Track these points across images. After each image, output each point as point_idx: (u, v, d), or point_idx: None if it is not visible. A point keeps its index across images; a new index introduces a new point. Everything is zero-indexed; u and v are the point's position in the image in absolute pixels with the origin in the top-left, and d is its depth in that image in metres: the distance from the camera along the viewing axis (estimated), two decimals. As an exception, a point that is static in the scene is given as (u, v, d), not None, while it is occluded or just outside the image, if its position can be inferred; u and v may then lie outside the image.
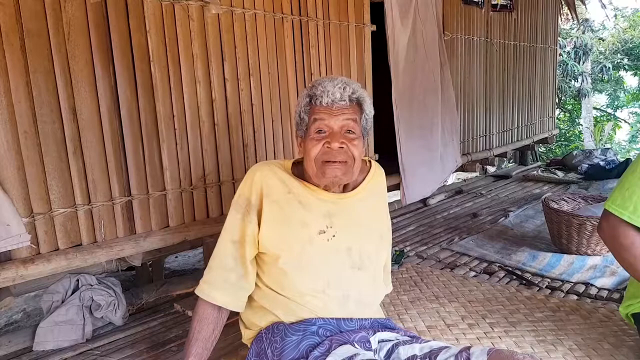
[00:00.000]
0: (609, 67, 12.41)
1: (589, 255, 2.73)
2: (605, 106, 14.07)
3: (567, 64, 11.55)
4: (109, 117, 2.06)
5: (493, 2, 4.75)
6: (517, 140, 5.47)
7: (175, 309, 2.29)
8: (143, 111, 2.16)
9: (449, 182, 5.27)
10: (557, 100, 6.77)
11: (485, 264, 2.72)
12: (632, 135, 13.33)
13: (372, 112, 1.47)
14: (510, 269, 2.62)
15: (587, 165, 5.10)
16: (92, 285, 2.11)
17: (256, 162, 2.55)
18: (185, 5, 2.26)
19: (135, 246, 2.15)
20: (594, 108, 13.27)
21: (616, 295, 2.26)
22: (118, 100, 2.08)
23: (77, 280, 2.11)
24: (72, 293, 2.08)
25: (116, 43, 2.05)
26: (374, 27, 3.35)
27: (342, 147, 1.36)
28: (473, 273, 2.61)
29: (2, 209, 1.76)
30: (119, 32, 2.06)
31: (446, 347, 1.28)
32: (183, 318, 2.20)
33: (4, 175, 1.79)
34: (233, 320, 1.66)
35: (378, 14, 3.38)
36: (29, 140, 1.84)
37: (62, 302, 2.05)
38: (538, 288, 2.39)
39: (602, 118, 13.50)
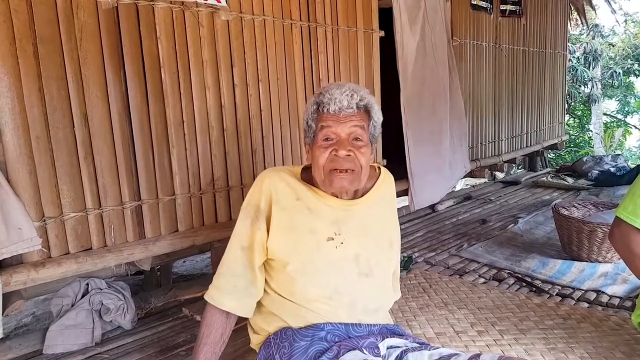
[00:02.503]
0: (619, 73, 12.34)
1: (600, 262, 2.70)
2: (615, 112, 13.97)
3: (577, 69, 11.50)
4: (120, 122, 2.07)
5: (502, 8, 4.74)
6: (527, 146, 5.44)
7: (184, 313, 2.29)
8: (153, 117, 2.18)
9: (457, 188, 5.25)
10: (566, 106, 6.72)
11: (494, 271, 2.70)
12: (643, 142, 13.23)
13: (381, 119, 1.46)
14: (520, 275, 2.60)
15: (597, 172, 5.06)
16: (101, 289, 2.12)
17: (264, 168, 2.57)
18: (195, 12, 2.28)
19: (144, 250, 2.16)
20: (604, 114, 13.19)
21: (628, 304, 2.23)
22: (129, 106, 2.10)
23: (87, 284, 2.12)
24: (82, 297, 2.09)
25: (127, 49, 2.07)
26: (382, 33, 3.36)
27: (350, 155, 1.36)
28: (482, 280, 2.60)
29: (14, 212, 1.77)
30: (130, 39, 2.08)
31: (456, 354, 1.27)
32: (191, 322, 2.20)
33: (16, 179, 1.81)
34: (241, 325, 1.66)
35: (386, 20, 3.39)
36: (41, 145, 1.86)
37: (72, 305, 2.06)
38: (548, 295, 2.37)
39: (612, 124, 13.41)
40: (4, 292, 1.80)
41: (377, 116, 1.45)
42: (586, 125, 12.96)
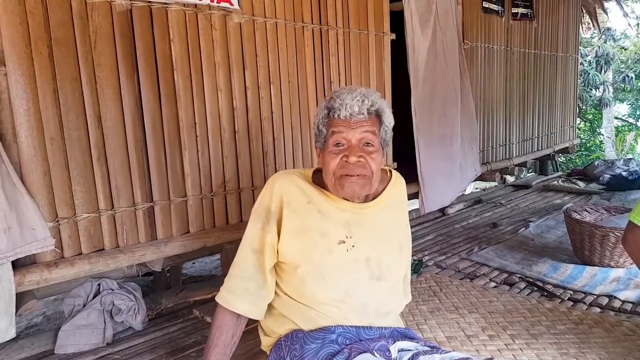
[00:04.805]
0: (631, 77, 12.22)
1: (612, 267, 2.68)
2: (627, 116, 13.85)
3: (588, 73, 11.42)
4: (133, 124, 2.09)
5: (513, 11, 4.72)
6: (538, 150, 5.41)
7: (194, 314, 2.30)
8: (166, 118, 2.19)
9: (468, 191, 5.23)
10: (577, 109, 6.67)
11: (505, 275, 2.68)
12: (655, 146, 13.07)
13: (392, 123, 1.46)
14: (531, 280, 2.58)
15: (609, 176, 5.02)
16: (113, 290, 2.14)
17: (275, 170, 2.58)
18: (208, 15, 2.29)
19: (156, 251, 2.18)
20: (616, 118, 13.07)
21: (641, 309, 2.22)
22: (142, 108, 2.12)
23: (99, 285, 2.13)
24: (94, 297, 2.10)
25: (141, 51, 2.09)
26: (393, 36, 3.36)
27: (360, 161, 1.35)
28: (493, 284, 2.58)
29: (28, 213, 1.79)
30: (144, 41, 2.10)
31: (467, 358, 1.26)
32: (202, 324, 2.21)
33: (30, 180, 1.83)
34: (252, 326, 1.66)
35: (398, 23, 3.39)
36: (55, 146, 1.88)
37: (84, 306, 2.08)
38: (560, 300, 2.35)
39: (623, 128, 13.28)
40: (18, 291, 1.81)
41: (389, 120, 1.44)
42: (597, 129, 12.85)
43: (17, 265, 1.83)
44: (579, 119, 11.18)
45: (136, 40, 2.08)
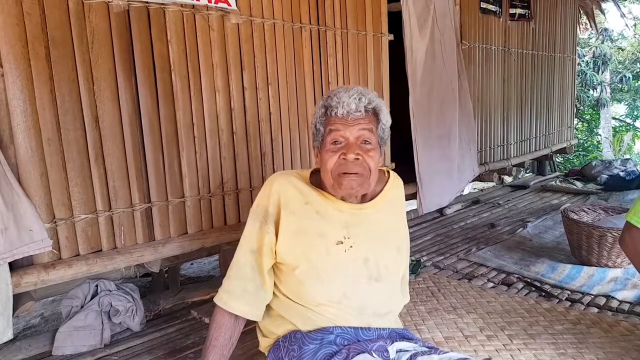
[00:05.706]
0: (629, 77, 12.26)
1: (610, 267, 2.69)
2: (624, 116, 13.89)
3: (586, 73, 11.45)
4: (130, 125, 2.08)
5: (511, 11, 4.73)
6: (535, 150, 5.42)
7: (192, 315, 2.30)
8: (163, 119, 2.19)
9: (466, 191, 5.23)
10: (575, 110, 6.68)
11: (503, 275, 2.68)
12: (652, 146, 13.11)
13: (389, 122, 1.46)
14: (529, 280, 2.58)
15: (606, 176, 5.03)
16: (110, 291, 2.13)
17: (273, 171, 2.58)
18: (206, 15, 2.29)
19: (154, 252, 2.17)
20: (613, 118, 13.11)
21: (638, 309, 2.22)
22: (139, 109, 2.11)
23: (97, 286, 2.13)
24: (91, 298, 2.10)
25: (138, 52, 2.09)
26: (391, 37, 3.36)
27: (358, 159, 1.35)
28: (491, 284, 2.58)
29: (25, 214, 1.79)
30: (141, 42, 2.09)
31: (465, 358, 1.27)
32: (200, 325, 2.21)
33: (27, 181, 1.83)
34: (250, 327, 1.66)
35: (396, 24, 3.39)
36: (53, 147, 1.88)
37: (81, 307, 2.07)
38: (558, 300, 2.35)
39: (621, 128, 13.32)
40: (15, 293, 1.81)
41: (386, 119, 1.44)
42: (595, 130, 12.89)
43: (15, 266, 1.82)
44: (576, 119, 11.19)
45: (134, 41, 2.07)
